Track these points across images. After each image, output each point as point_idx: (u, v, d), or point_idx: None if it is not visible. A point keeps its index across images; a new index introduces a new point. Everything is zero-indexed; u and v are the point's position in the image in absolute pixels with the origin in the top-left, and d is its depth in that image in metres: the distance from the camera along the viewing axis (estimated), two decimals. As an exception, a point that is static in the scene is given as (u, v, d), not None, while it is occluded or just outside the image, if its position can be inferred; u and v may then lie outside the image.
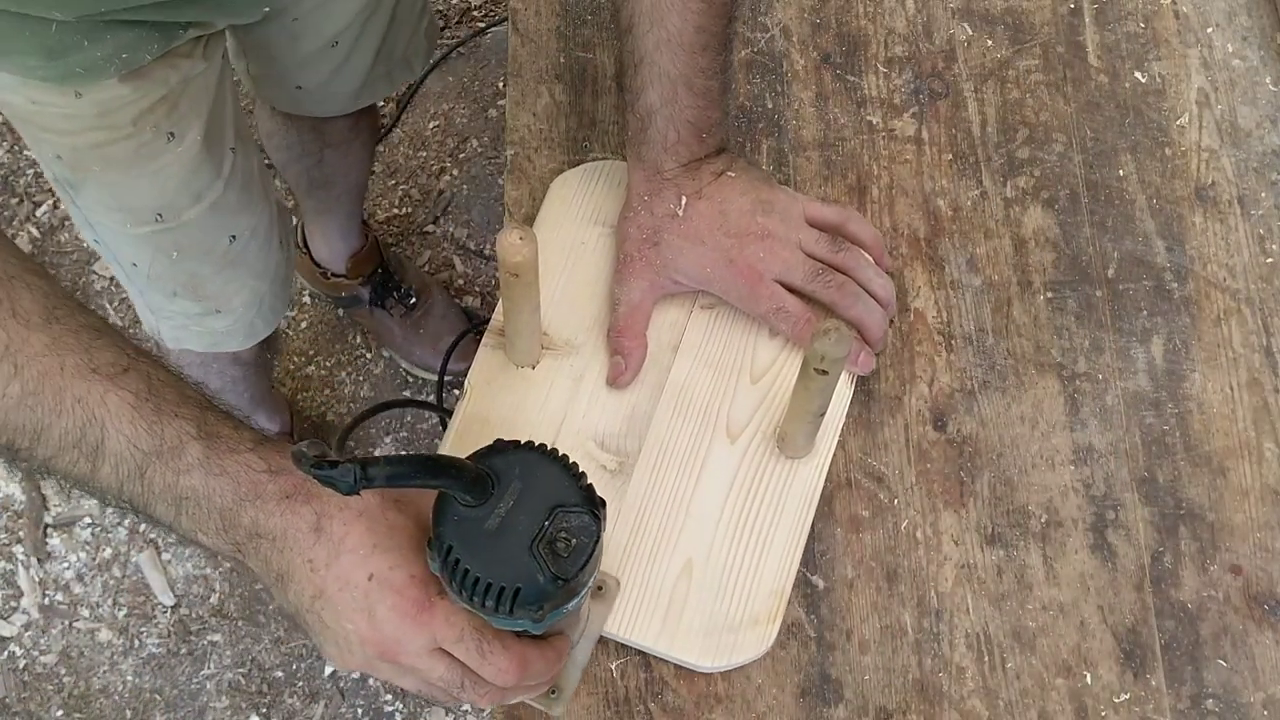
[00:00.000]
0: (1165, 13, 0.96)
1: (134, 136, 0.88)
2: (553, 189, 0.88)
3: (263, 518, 0.60)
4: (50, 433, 0.58)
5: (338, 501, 0.61)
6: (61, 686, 1.59)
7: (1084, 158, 0.91)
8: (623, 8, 0.77)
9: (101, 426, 0.58)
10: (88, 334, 0.59)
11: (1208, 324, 0.85)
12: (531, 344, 0.80)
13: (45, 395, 0.57)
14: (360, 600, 0.60)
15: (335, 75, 1.15)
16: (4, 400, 0.57)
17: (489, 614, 0.58)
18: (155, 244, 0.98)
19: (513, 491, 0.58)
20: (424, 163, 1.87)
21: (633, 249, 0.82)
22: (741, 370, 0.82)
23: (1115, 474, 0.81)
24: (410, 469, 0.55)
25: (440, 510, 0.58)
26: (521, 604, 0.57)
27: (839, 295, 0.80)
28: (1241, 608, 0.78)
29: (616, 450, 0.80)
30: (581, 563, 0.58)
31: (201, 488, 0.59)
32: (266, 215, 1.08)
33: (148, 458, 0.58)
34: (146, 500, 0.60)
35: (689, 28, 0.75)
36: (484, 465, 0.58)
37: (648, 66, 0.77)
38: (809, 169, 0.90)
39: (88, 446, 0.58)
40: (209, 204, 0.98)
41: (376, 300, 1.68)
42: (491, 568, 0.57)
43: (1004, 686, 0.76)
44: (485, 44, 1.94)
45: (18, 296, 0.58)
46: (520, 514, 0.58)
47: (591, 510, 0.59)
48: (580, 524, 0.58)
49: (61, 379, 0.57)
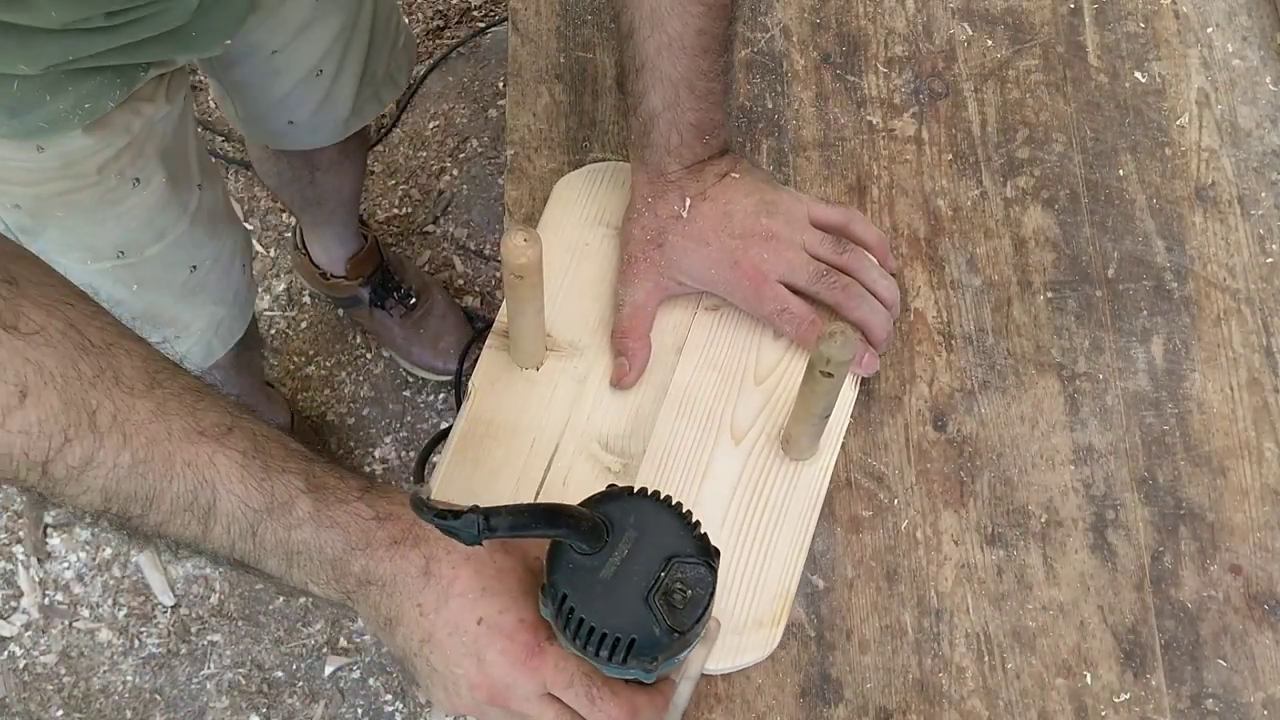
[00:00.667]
0: (1165, 13, 0.96)
1: (99, 184, 0.87)
2: (556, 190, 0.88)
3: (373, 565, 0.60)
4: (162, 499, 0.57)
5: (445, 545, 0.61)
6: (61, 686, 1.59)
7: (1084, 158, 0.91)
8: (623, 13, 0.77)
9: (213, 488, 0.58)
10: (190, 395, 0.59)
11: (1208, 324, 0.85)
12: (536, 346, 0.80)
13: (155, 462, 0.57)
14: (470, 645, 0.60)
15: (324, 104, 1.15)
16: (115, 470, 0.56)
17: (601, 663, 0.58)
18: (115, 278, 0.97)
19: (627, 540, 0.57)
20: (424, 163, 1.87)
21: (637, 250, 0.82)
22: (746, 372, 0.82)
23: (1115, 474, 0.81)
24: (531, 518, 0.55)
25: (554, 557, 0.58)
26: (636, 654, 0.57)
27: (843, 296, 0.80)
28: (1241, 608, 0.78)
29: (621, 452, 0.80)
30: (697, 615, 0.57)
31: (313, 540, 0.59)
32: (230, 242, 1.07)
33: (259, 515, 0.58)
34: (258, 556, 0.60)
35: (689, 31, 0.75)
36: (599, 513, 0.58)
37: (649, 71, 0.77)
38: (809, 169, 0.90)
39: (200, 509, 0.58)
40: (172, 240, 0.98)
41: (376, 301, 1.68)
42: (606, 617, 0.56)
43: (1004, 686, 0.76)
44: (485, 44, 1.94)
45: (119, 364, 0.57)
46: (635, 563, 0.57)
47: (707, 561, 0.58)
48: (696, 575, 0.57)
49: (170, 444, 0.57)
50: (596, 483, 0.79)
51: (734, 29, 0.78)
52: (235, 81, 1.09)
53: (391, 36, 1.19)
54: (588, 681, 0.60)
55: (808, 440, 0.77)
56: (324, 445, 1.71)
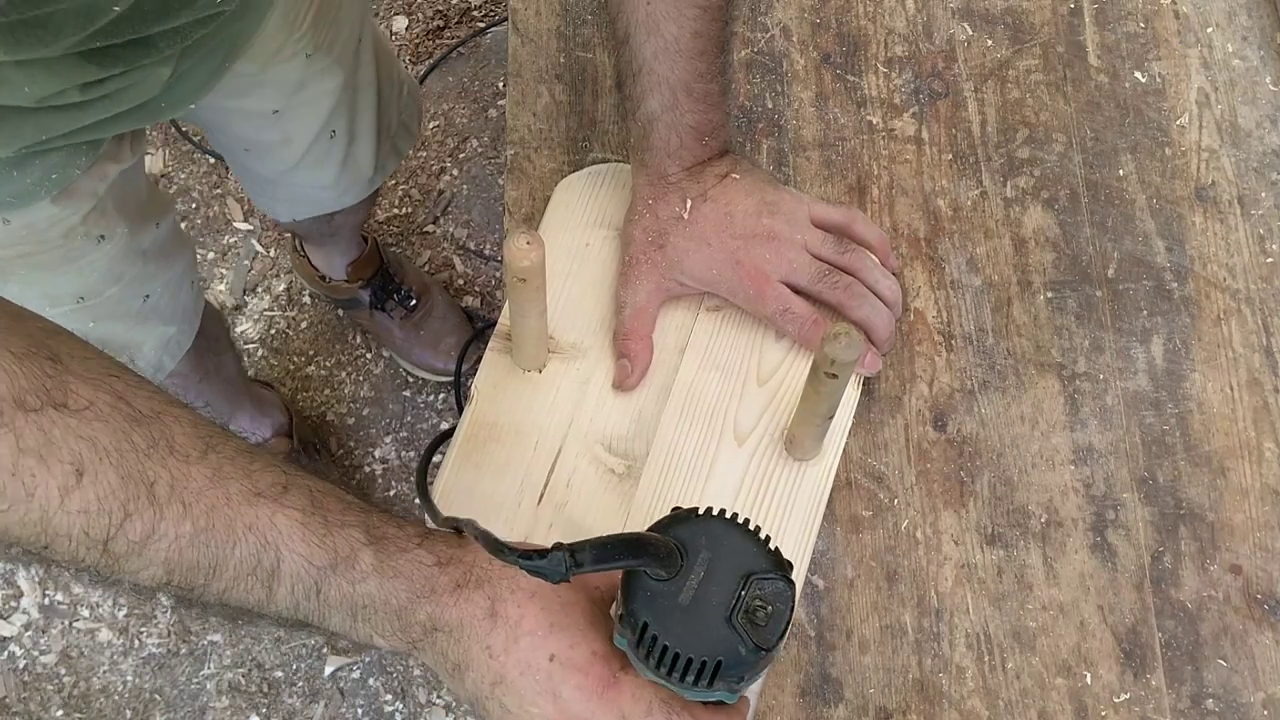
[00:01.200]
0: (1165, 13, 0.96)
1: (64, 246, 0.87)
2: (557, 192, 0.88)
3: (438, 611, 0.59)
4: (225, 565, 0.57)
5: (508, 584, 0.60)
6: (61, 686, 1.59)
7: (1084, 158, 0.91)
8: (619, 18, 0.77)
9: (276, 550, 0.57)
10: (244, 458, 0.58)
11: (1208, 324, 0.85)
12: (538, 348, 0.80)
13: (217, 529, 0.56)
14: (544, 683, 0.59)
15: (346, 164, 1.15)
16: (178, 541, 0.56)
17: (686, 688, 0.58)
18: (73, 318, 0.97)
19: (702, 562, 0.57)
20: (424, 163, 1.87)
21: (638, 251, 0.82)
22: (748, 372, 0.82)
23: (1115, 474, 0.81)
24: (615, 550, 0.55)
25: (629, 586, 0.57)
26: (722, 676, 0.56)
27: (846, 296, 0.80)
28: (1241, 608, 0.78)
29: (624, 454, 0.80)
30: (780, 630, 0.57)
31: (377, 592, 0.59)
32: (181, 264, 1.07)
33: (323, 572, 0.58)
34: (323, 614, 0.59)
35: (685, 34, 0.75)
36: (671, 537, 0.57)
37: (647, 74, 0.77)
38: (809, 169, 0.90)
39: (263, 572, 0.57)
40: (128, 279, 0.98)
41: (376, 304, 1.67)
42: (691, 642, 0.56)
43: (1004, 686, 0.76)
44: (485, 44, 1.94)
45: (171, 432, 0.57)
46: (712, 585, 0.57)
47: (784, 575, 0.57)
48: (775, 590, 0.57)
49: (230, 509, 0.56)
50: (600, 485, 0.79)
51: (730, 30, 0.78)
52: (247, 151, 1.10)
53: (397, 86, 1.20)
54: (666, 708, 0.60)
55: (812, 441, 0.77)
56: (324, 445, 1.71)
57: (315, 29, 0.97)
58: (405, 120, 1.23)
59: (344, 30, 1.03)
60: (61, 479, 0.53)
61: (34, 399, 0.53)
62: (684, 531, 0.58)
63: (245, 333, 1.79)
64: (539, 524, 0.77)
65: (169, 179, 1.86)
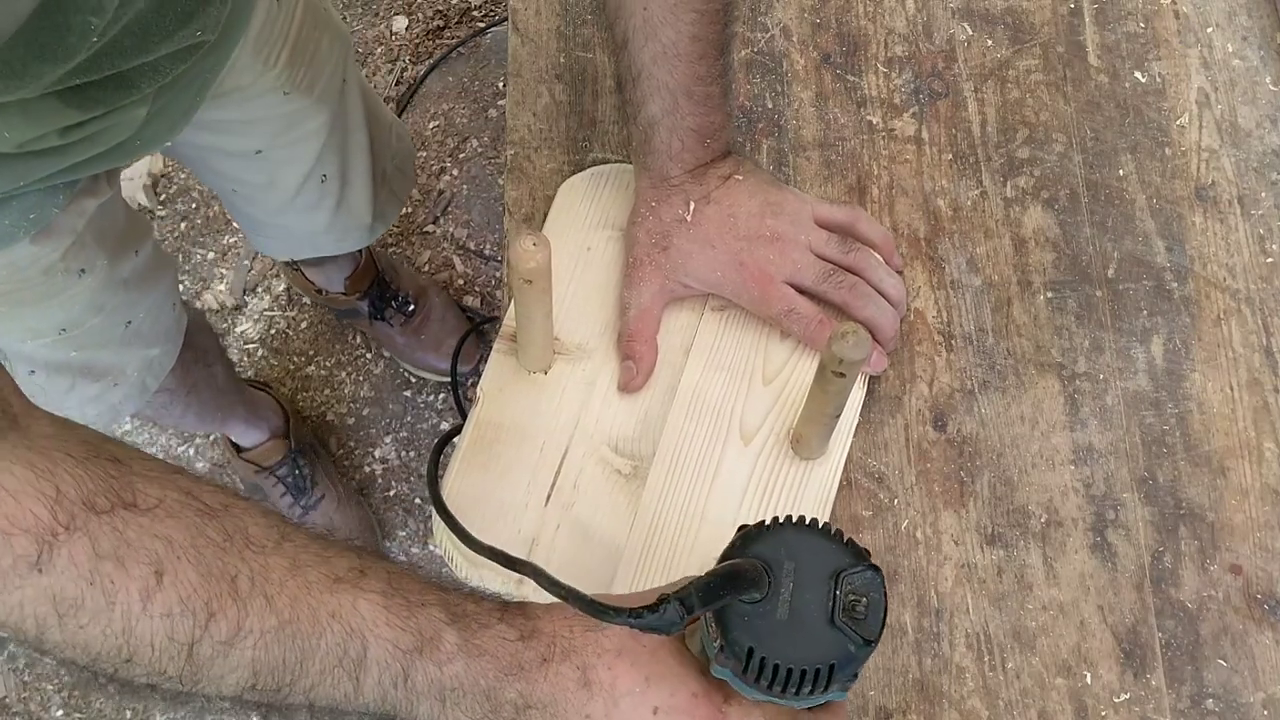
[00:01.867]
0: (1165, 13, 0.96)
1: (45, 283, 0.87)
2: (560, 194, 0.88)
3: (528, 688, 0.58)
4: (312, 659, 0.55)
5: (594, 649, 0.59)
6: (61, 686, 1.59)
7: (1084, 158, 0.91)
8: (616, 23, 0.77)
9: (361, 637, 0.55)
10: (317, 545, 0.57)
11: (1208, 324, 0.85)
12: (544, 349, 0.80)
13: (302, 620, 0.54)
14: None
15: (340, 209, 1.15)
16: (264, 637, 0.54)
17: (801, 698, 0.57)
18: (55, 349, 0.96)
19: (788, 573, 0.56)
20: (424, 163, 1.87)
21: (642, 253, 0.82)
22: (754, 372, 0.82)
23: (1115, 474, 0.81)
24: (719, 587, 0.54)
25: (724, 617, 0.56)
26: (837, 678, 0.56)
27: (851, 296, 0.80)
28: (1241, 608, 0.78)
29: (631, 454, 0.80)
30: (881, 617, 0.57)
31: (464, 673, 0.57)
32: (162, 287, 1.07)
33: (410, 656, 0.56)
34: (411, 703, 0.57)
35: (684, 38, 0.75)
36: (754, 557, 0.57)
37: (646, 79, 0.76)
38: (809, 169, 0.90)
39: (350, 662, 0.55)
40: (111, 308, 0.97)
41: (375, 313, 1.67)
42: (801, 654, 0.55)
43: (1004, 686, 0.76)
44: (485, 44, 1.94)
45: (244, 523, 0.55)
46: (805, 593, 0.56)
47: (870, 565, 0.57)
48: (865, 581, 0.57)
49: (312, 597, 0.55)
50: (607, 485, 0.79)
51: (730, 31, 0.78)
52: (235, 191, 1.09)
53: (387, 129, 1.19)
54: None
55: (818, 440, 0.77)
56: (324, 445, 1.71)
57: (291, 67, 0.97)
58: (400, 165, 1.22)
59: (324, 70, 1.03)
60: (142, 582, 0.51)
61: (103, 500, 0.51)
62: (762, 548, 0.57)
63: (245, 333, 1.79)
64: (546, 525, 0.77)
65: (169, 179, 1.86)
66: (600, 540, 0.77)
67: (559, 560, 0.76)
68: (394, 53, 1.93)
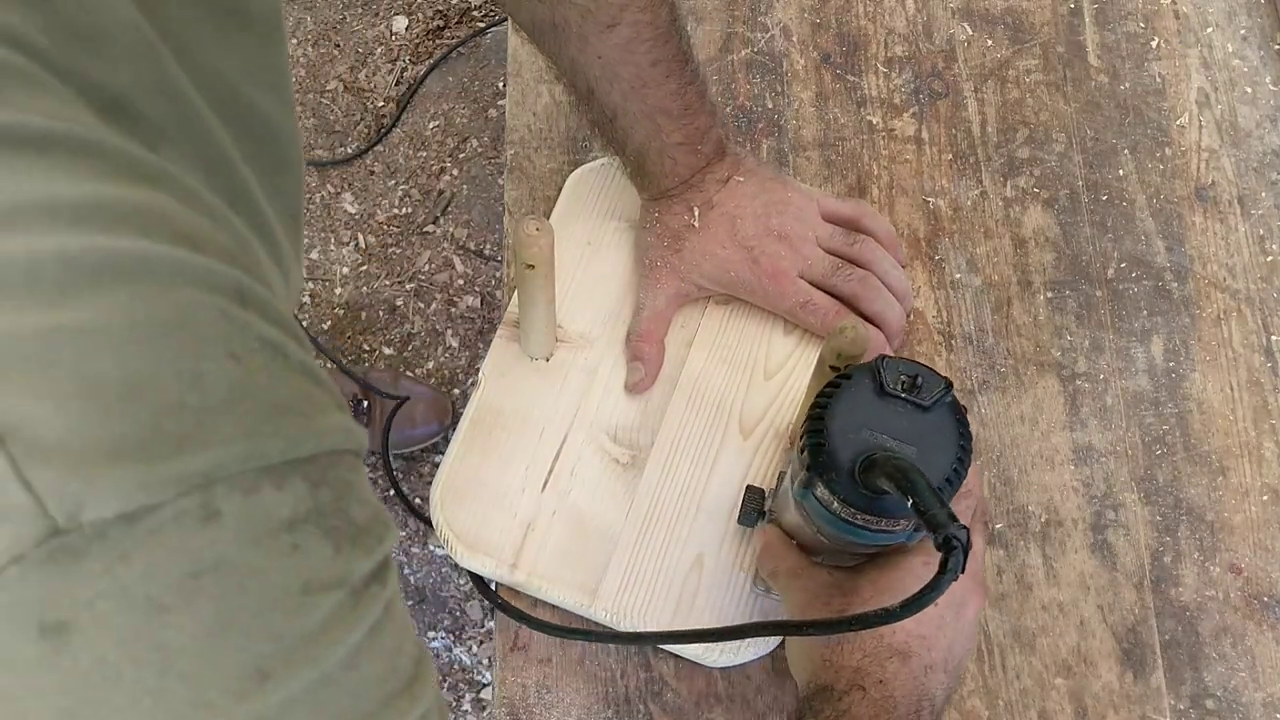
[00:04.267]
0: (1165, 13, 0.96)
1: None
2: (569, 184, 0.88)
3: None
4: None
5: None
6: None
7: (1084, 158, 0.91)
8: (576, 78, 0.76)
9: None
10: None
11: (1208, 324, 0.85)
12: (546, 336, 0.81)
13: None
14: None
15: None
16: None
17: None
18: None
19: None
20: (424, 163, 1.87)
21: (656, 257, 0.82)
22: (755, 366, 0.82)
23: (1115, 474, 0.81)
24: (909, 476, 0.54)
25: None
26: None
27: (861, 289, 0.81)
28: (1241, 607, 0.78)
29: (629, 444, 0.80)
30: (944, 382, 0.58)
31: None
32: None
33: None
34: None
35: (644, 67, 0.74)
36: (892, 463, 0.56)
37: (623, 115, 0.77)
38: (809, 169, 0.90)
39: None
40: None
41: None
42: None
43: (1004, 686, 0.76)
44: (485, 44, 1.94)
45: None
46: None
47: (891, 358, 0.59)
48: (907, 365, 0.59)
49: None
50: (605, 474, 0.79)
51: (684, 36, 0.76)
52: None
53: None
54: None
55: None
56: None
57: None
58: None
59: None
60: None
61: None
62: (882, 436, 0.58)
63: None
64: (542, 510, 0.78)
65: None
66: (595, 527, 0.77)
67: (554, 545, 0.77)
68: (394, 53, 1.93)
